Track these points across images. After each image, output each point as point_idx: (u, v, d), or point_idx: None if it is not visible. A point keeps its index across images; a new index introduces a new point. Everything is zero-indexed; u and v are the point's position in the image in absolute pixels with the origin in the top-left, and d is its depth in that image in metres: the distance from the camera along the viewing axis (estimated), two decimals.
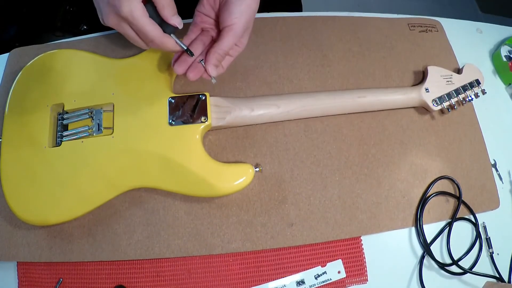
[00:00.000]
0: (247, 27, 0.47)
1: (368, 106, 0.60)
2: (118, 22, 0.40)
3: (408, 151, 0.60)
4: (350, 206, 0.55)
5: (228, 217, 0.53)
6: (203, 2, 0.49)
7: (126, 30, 0.41)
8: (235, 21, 0.45)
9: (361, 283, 0.53)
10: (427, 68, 0.62)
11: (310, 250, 0.53)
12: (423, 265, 0.55)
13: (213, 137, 0.57)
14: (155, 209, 0.53)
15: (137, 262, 0.51)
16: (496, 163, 0.62)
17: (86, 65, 0.55)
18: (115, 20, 0.40)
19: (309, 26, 0.66)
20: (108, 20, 0.40)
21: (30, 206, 0.48)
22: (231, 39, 0.46)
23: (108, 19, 0.40)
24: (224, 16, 0.45)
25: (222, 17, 0.46)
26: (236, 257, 0.52)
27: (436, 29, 0.70)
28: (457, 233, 0.57)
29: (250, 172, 0.52)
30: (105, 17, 0.40)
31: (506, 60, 0.69)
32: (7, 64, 0.61)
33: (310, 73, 0.63)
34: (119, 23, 0.41)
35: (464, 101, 0.61)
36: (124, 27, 0.41)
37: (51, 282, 0.50)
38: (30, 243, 0.51)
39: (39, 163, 0.50)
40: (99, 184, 0.50)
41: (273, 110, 0.56)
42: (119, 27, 0.41)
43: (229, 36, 0.45)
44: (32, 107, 0.53)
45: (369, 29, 0.68)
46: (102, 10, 0.40)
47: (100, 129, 0.52)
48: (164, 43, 0.42)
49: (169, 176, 0.50)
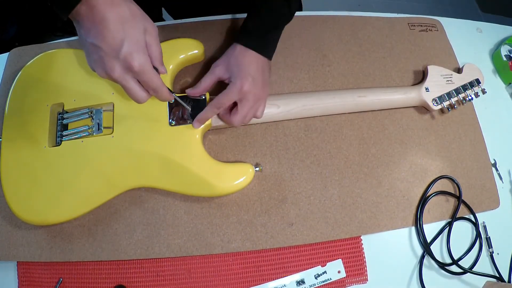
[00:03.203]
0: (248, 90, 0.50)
1: (368, 105, 0.60)
2: (124, 74, 0.41)
3: (408, 150, 0.60)
4: (350, 205, 0.55)
5: (228, 217, 0.53)
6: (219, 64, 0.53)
7: (128, 82, 0.42)
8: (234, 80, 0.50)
9: (361, 282, 0.53)
10: (427, 68, 0.62)
11: (310, 250, 0.53)
12: (423, 264, 0.55)
13: (213, 137, 0.57)
14: (155, 209, 0.53)
15: (137, 262, 0.51)
16: (496, 163, 0.62)
17: (86, 64, 0.55)
18: (121, 73, 0.41)
19: (309, 26, 0.66)
20: (114, 73, 0.40)
21: (30, 206, 0.48)
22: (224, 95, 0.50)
23: (114, 73, 0.40)
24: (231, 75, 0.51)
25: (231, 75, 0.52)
26: (236, 257, 0.52)
27: (436, 28, 0.70)
28: (457, 233, 0.57)
29: (250, 171, 0.52)
30: (110, 71, 0.40)
31: (506, 59, 0.69)
32: (7, 64, 0.61)
33: (310, 73, 0.63)
34: (123, 76, 0.41)
35: (464, 101, 0.61)
36: (128, 79, 0.42)
37: (51, 282, 0.50)
38: (30, 243, 0.51)
39: (39, 163, 0.50)
40: (99, 184, 0.50)
41: (273, 109, 0.56)
42: (122, 79, 0.41)
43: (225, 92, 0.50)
44: (32, 107, 0.53)
45: (369, 29, 0.68)
46: (106, 65, 0.40)
47: (100, 128, 0.52)
48: (164, 92, 0.45)
49: (169, 176, 0.50)
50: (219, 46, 0.62)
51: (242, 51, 0.52)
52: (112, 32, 0.39)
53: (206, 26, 0.64)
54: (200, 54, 0.57)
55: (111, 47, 0.39)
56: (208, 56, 0.60)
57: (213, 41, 0.62)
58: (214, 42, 0.62)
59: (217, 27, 0.64)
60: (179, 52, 0.56)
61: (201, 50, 0.57)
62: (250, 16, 0.55)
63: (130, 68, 0.40)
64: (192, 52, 0.56)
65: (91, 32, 0.39)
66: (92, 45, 0.40)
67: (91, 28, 0.39)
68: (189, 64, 0.59)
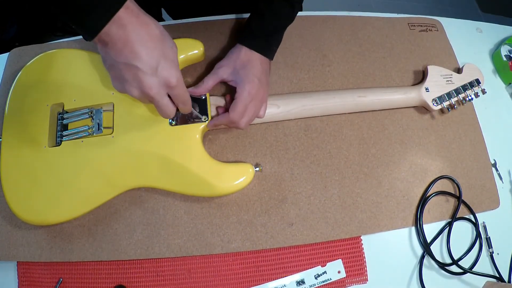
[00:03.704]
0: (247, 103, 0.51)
1: (368, 105, 0.60)
2: (160, 91, 0.41)
3: (408, 150, 0.60)
4: (350, 205, 0.55)
5: (228, 217, 0.53)
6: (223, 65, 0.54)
7: (163, 98, 0.42)
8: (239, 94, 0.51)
9: (361, 283, 0.53)
10: (427, 68, 0.62)
11: (310, 250, 0.53)
12: (423, 265, 0.55)
13: (213, 137, 0.57)
14: (155, 209, 0.53)
15: (137, 262, 0.51)
16: (496, 163, 0.62)
17: (86, 64, 0.55)
18: (158, 89, 0.41)
19: (309, 26, 0.66)
20: (152, 91, 0.40)
21: (30, 206, 0.48)
22: (239, 103, 0.50)
23: (151, 90, 0.40)
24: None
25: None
26: (236, 257, 0.52)
27: (436, 28, 0.70)
28: (457, 233, 0.57)
29: (250, 171, 0.52)
30: (148, 89, 0.40)
31: (506, 59, 0.69)
32: (7, 64, 0.61)
33: (310, 73, 0.63)
34: (160, 92, 0.41)
35: (464, 101, 0.61)
36: (163, 95, 0.42)
37: (51, 282, 0.50)
38: (30, 243, 0.51)
39: (39, 163, 0.50)
40: (99, 184, 0.50)
41: (273, 109, 0.56)
42: (158, 95, 0.41)
43: (237, 99, 0.51)
44: (32, 107, 0.53)
45: (369, 29, 0.68)
46: (144, 83, 0.39)
47: (100, 128, 0.52)
48: (190, 103, 0.47)
49: (169, 176, 0.50)
50: (219, 46, 0.62)
51: (247, 52, 0.53)
52: (148, 50, 0.38)
53: (206, 26, 0.64)
54: (200, 54, 0.57)
55: (148, 65, 0.39)
56: (208, 56, 0.60)
57: (213, 41, 0.62)
58: (214, 42, 0.62)
59: (217, 27, 0.64)
60: (179, 52, 0.55)
61: (201, 50, 0.57)
62: (254, 17, 0.55)
63: (168, 84, 0.41)
64: (192, 52, 0.56)
65: (124, 52, 0.38)
66: (126, 65, 0.39)
67: (123, 49, 0.38)
68: (189, 64, 0.59)
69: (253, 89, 0.50)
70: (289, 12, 0.55)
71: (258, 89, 0.51)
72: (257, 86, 0.51)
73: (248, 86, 0.50)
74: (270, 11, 0.53)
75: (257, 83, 0.51)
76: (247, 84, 0.51)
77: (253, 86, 0.51)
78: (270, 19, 0.54)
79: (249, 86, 0.50)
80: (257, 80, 0.51)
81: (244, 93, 0.50)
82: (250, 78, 0.51)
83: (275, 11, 0.54)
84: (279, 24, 0.56)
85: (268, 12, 0.53)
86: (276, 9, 0.54)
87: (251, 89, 0.50)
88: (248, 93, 0.50)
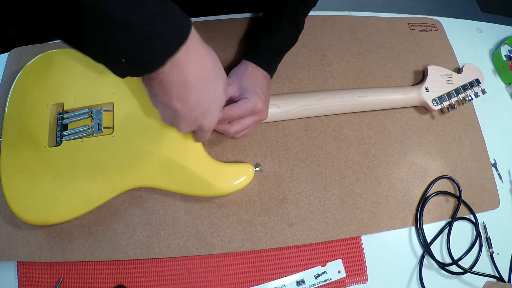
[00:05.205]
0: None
1: (368, 105, 0.60)
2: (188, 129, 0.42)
3: (408, 150, 0.60)
4: (350, 205, 0.55)
5: (228, 217, 0.53)
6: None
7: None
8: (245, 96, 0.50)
9: (361, 282, 0.53)
10: (427, 68, 0.62)
11: (310, 250, 0.53)
12: (423, 264, 0.55)
13: (213, 137, 0.57)
14: (155, 209, 0.53)
15: (137, 262, 0.51)
16: (496, 163, 0.62)
17: (86, 64, 0.55)
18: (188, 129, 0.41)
19: (309, 26, 0.66)
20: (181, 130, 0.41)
21: (30, 206, 0.48)
22: (237, 109, 0.49)
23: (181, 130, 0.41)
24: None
25: None
26: (236, 257, 0.52)
27: (436, 28, 0.70)
28: (457, 233, 0.57)
29: (250, 171, 0.52)
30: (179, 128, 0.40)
31: (506, 59, 0.69)
32: (7, 64, 0.61)
33: (310, 73, 0.63)
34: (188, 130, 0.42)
35: (464, 101, 0.61)
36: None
37: (51, 282, 0.50)
38: (30, 243, 0.51)
39: (39, 163, 0.50)
40: (99, 184, 0.49)
41: (273, 109, 0.56)
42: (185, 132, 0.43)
43: (238, 106, 0.50)
44: (32, 107, 0.53)
45: (369, 29, 0.68)
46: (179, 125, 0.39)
47: (100, 128, 0.52)
48: None
49: (169, 176, 0.50)
50: (220, 46, 0.62)
51: (254, 69, 0.53)
52: (196, 95, 0.36)
53: (206, 26, 0.64)
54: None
55: (190, 112, 0.37)
56: None
57: (213, 41, 0.62)
58: (214, 42, 0.62)
59: (217, 27, 0.64)
60: None
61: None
62: (263, 36, 0.56)
63: (200, 128, 0.42)
64: None
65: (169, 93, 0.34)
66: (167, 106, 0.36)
67: (169, 89, 0.34)
68: None
69: (258, 104, 0.49)
70: (295, 33, 0.58)
71: (263, 106, 0.50)
72: (264, 102, 0.50)
73: (254, 99, 0.49)
74: (279, 30, 0.55)
75: (263, 99, 0.50)
76: (255, 97, 0.49)
77: (260, 101, 0.49)
78: (279, 38, 0.56)
79: (256, 100, 0.49)
80: (263, 97, 0.50)
81: (247, 103, 0.49)
82: (258, 93, 0.50)
83: (284, 31, 0.56)
84: (285, 44, 0.58)
85: (277, 32, 0.55)
86: (284, 29, 0.56)
87: (257, 103, 0.49)
88: (253, 106, 0.49)
